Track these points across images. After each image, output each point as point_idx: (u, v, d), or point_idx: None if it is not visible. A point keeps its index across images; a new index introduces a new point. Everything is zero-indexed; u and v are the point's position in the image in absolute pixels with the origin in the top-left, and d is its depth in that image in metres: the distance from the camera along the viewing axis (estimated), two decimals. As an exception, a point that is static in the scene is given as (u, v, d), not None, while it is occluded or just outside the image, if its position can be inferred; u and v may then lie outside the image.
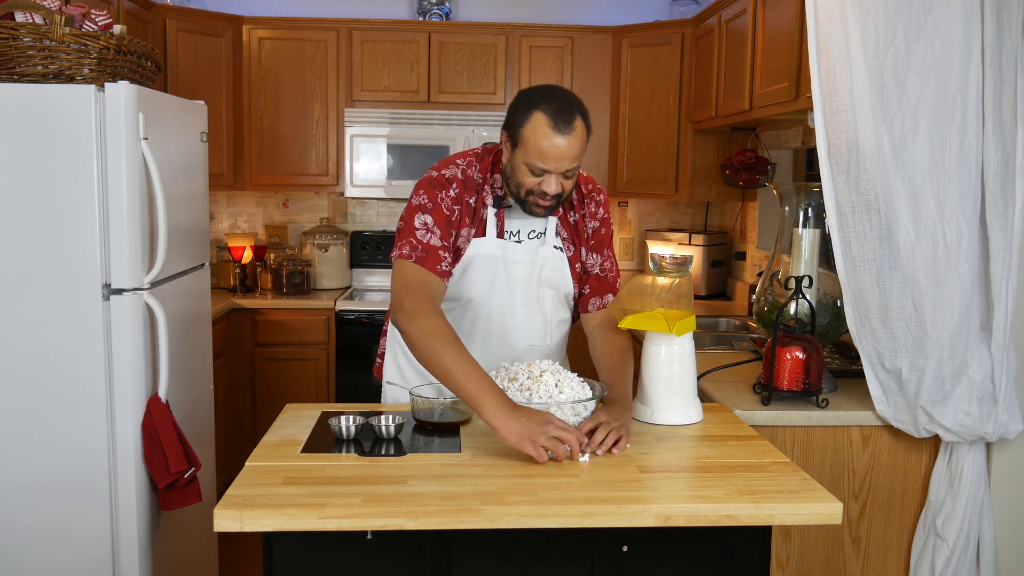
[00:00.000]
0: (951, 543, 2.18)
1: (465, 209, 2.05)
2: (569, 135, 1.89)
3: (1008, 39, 2.02)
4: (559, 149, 1.89)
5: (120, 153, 2.25)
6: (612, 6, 4.59)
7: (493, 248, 2.08)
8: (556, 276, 2.14)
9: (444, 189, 2.04)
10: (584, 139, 1.93)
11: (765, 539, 1.66)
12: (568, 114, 1.89)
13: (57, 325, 2.26)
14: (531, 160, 1.92)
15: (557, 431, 1.68)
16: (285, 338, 4.07)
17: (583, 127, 1.92)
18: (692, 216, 4.78)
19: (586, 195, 2.17)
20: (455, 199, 2.04)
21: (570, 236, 2.15)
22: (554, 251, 2.12)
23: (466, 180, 2.07)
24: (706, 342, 3.31)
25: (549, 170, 1.92)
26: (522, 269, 2.10)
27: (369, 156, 4.20)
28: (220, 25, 4.13)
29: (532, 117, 1.90)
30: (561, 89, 1.97)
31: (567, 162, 1.92)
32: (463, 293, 2.09)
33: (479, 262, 2.07)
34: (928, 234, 2.08)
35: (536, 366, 1.88)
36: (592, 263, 2.18)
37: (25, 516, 2.30)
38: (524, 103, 1.93)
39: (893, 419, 2.20)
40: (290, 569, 1.57)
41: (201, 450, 2.70)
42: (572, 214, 2.16)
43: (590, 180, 2.20)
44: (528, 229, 2.12)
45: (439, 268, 1.98)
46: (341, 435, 1.84)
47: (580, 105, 1.94)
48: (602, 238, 2.19)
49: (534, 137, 1.90)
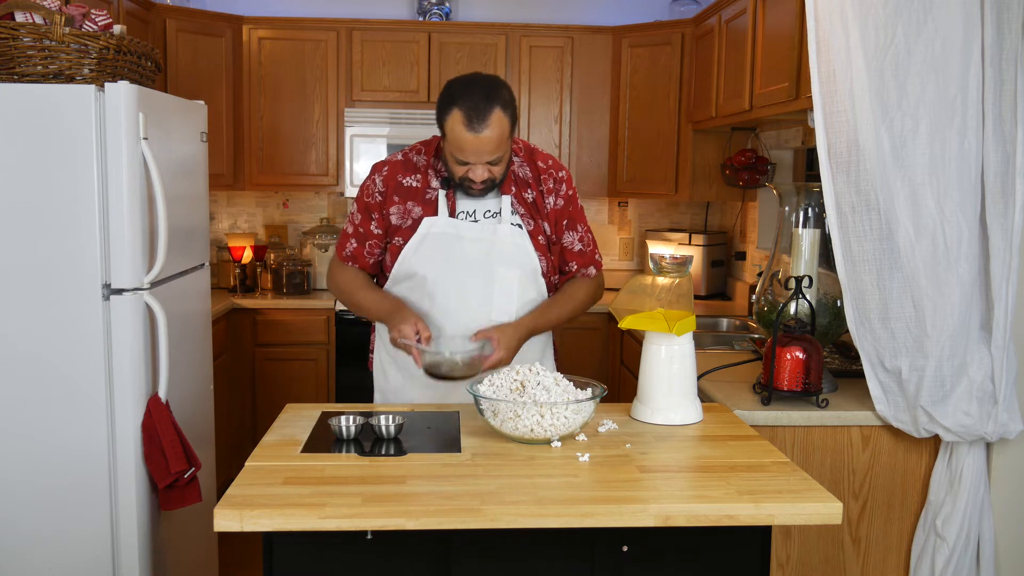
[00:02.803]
0: (951, 543, 2.18)
1: (395, 190, 2.19)
2: (484, 131, 1.98)
3: (1008, 39, 2.02)
4: (476, 143, 1.99)
5: (120, 153, 2.24)
6: (612, 6, 4.59)
7: (445, 226, 2.16)
8: (517, 252, 2.17)
9: (372, 175, 2.23)
10: (503, 128, 2.01)
11: (765, 539, 1.66)
12: (484, 110, 1.97)
13: (57, 325, 2.26)
14: (454, 152, 2.04)
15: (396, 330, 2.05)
16: (285, 338, 4.07)
17: (501, 117, 2.00)
18: (692, 216, 4.78)
19: (543, 172, 2.23)
20: (381, 182, 2.20)
21: (528, 212, 2.21)
22: (512, 228, 2.18)
23: (405, 163, 2.22)
24: (706, 342, 3.31)
25: (470, 162, 2.03)
26: (477, 247, 2.15)
27: (369, 156, 4.20)
28: (220, 25, 4.14)
29: (451, 114, 2.00)
30: (484, 79, 2.04)
31: (486, 155, 2.02)
32: (417, 269, 2.17)
33: (431, 239, 2.16)
34: (928, 234, 2.08)
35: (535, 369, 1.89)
36: (570, 241, 2.27)
37: (25, 516, 2.30)
38: (445, 98, 2.03)
39: (893, 419, 2.20)
40: (290, 569, 1.57)
41: (201, 450, 2.70)
42: (529, 192, 2.21)
43: (549, 158, 2.27)
44: (483, 209, 2.19)
45: (343, 253, 2.29)
46: (341, 435, 1.84)
47: (499, 95, 2.01)
48: (572, 215, 2.27)
49: (453, 133, 2.01)
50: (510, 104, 2.03)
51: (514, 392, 1.82)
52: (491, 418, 1.81)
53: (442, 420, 2.00)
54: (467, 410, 2.04)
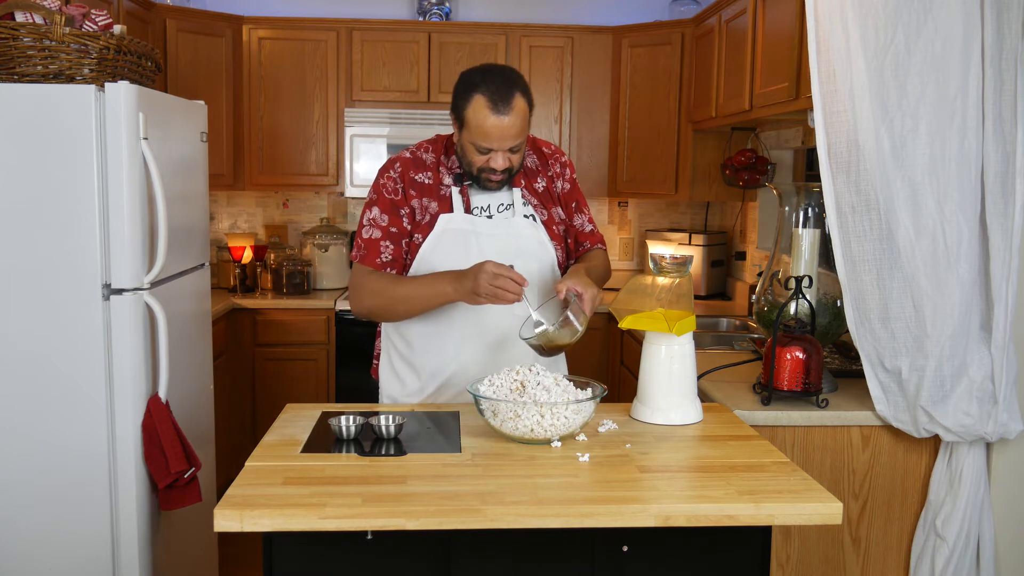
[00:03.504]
0: (951, 543, 2.18)
1: (410, 184, 2.14)
2: (509, 114, 1.98)
3: (1008, 39, 2.02)
4: (501, 128, 1.99)
5: (120, 153, 2.25)
6: (612, 6, 4.59)
7: (462, 223, 2.14)
8: (534, 244, 2.17)
9: (385, 172, 2.17)
10: (525, 114, 2.02)
11: (765, 539, 1.66)
12: (507, 94, 1.97)
13: (57, 325, 2.26)
14: (476, 140, 2.02)
15: (493, 277, 1.91)
16: (285, 338, 4.07)
17: (523, 103, 2.01)
18: (692, 216, 4.78)
19: (548, 157, 2.26)
20: (397, 178, 2.14)
21: (541, 202, 2.21)
22: (525, 220, 2.18)
23: (415, 160, 2.17)
24: (706, 342, 3.31)
25: (494, 148, 2.02)
26: (495, 242, 2.14)
27: (369, 156, 4.20)
28: (220, 25, 4.14)
29: (473, 100, 1.99)
30: (500, 67, 2.05)
31: (510, 140, 2.01)
32: (438, 265, 2.14)
33: (450, 236, 2.14)
34: (928, 234, 2.08)
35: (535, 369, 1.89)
36: (580, 223, 2.30)
37: (25, 516, 2.30)
38: (465, 85, 2.02)
39: (893, 419, 2.20)
40: (290, 569, 1.57)
41: (201, 450, 2.70)
42: (539, 180, 2.22)
43: (550, 144, 2.31)
44: (497, 203, 2.18)
45: (377, 260, 2.14)
46: (341, 435, 1.84)
47: (519, 81, 2.02)
48: (578, 198, 2.30)
49: (476, 119, 1.99)
50: (527, 91, 2.04)
51: (514, 392, 1.82)
52: (491, 418, 1.81)
53: (442, 420, 2.00)
54: (467, 410, 2.04)
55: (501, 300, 1.93)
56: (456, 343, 2.17)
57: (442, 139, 2.21)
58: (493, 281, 1.92)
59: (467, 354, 2.17)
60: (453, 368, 2.18)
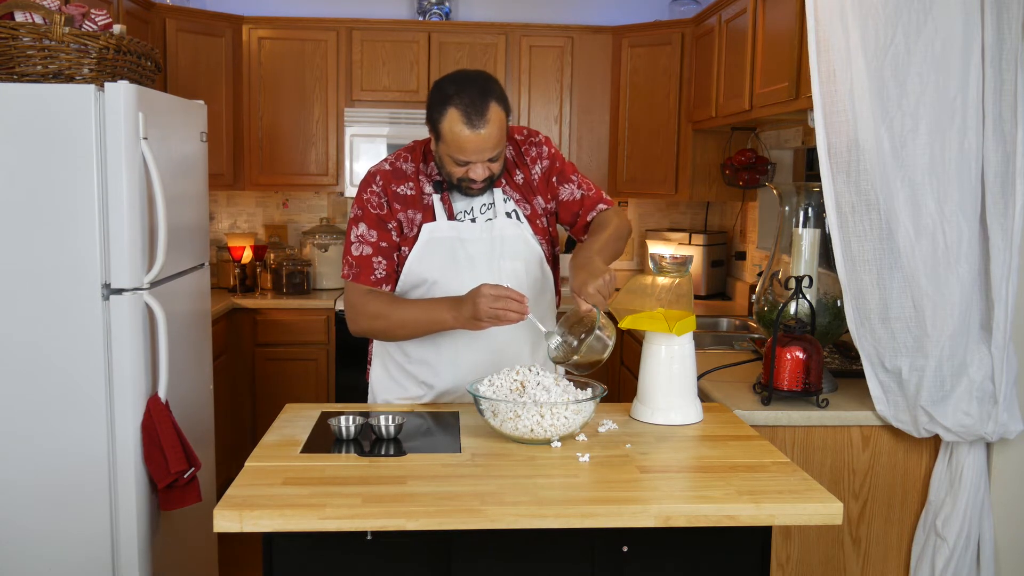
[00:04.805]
0: (951, 543, 2.18)
1: (394, 198, 2.11)
2: (484, 127, 1.93)
3: (1008, 39, 2.02)
4: (477, 142, 1.94)
5: (120, 153, 2.24)
6: (612, 6, 4.59)
7: (446, 231, 2.11)
8: (519, 243, 2.15)
9: (367, 187, 2.12)
10: (503, 123, 1.97)
11: (765, 539, 1.66)
12: (481, 106, 1.92)
13: (57, 325, 2.26)
14: (452, 153, 1.98)
15: (493, 300, 1.86)
16: (285, 338, 4.07)
17: (499, 112, 1.95)
18: (692, 216, 4.78)
19: (522, 144, 2.20)
20: (381, 192, 2.10)
21: (522, 195, 2.18)
22: (508, 220, 2.14)
23: (394, 171, 2.13)
24: (706, 342, 3.31)
25: (471, 161, 1.97)
26: (480, 247, 2.12)
27: (369, 156, 4.20)
28: (220, 25, 4.13)
29: (447, 113, 1.94)
30: (474, 76, 1.98)
31: (488, 152, 1.97)
32: (427, 275, 2.12)
33: (435, 244, 2.11)
34: (928, 234, 2.08)
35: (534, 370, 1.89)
36: (568, 193, 2.21)
37: (25, 516, 2.30)
38: (438, 98, 1.97)
39: (893, 419, 2.20)
40: (290, 569, 1.57)
41: (201, 450, 2.70)
42: (518, 173, 2.18)
43: (524, 129, 2.23)
44: (479, 204, 2.15)
45: (372, 278, 2.10)
46: (341, 435, 1.84)
47: (494, 89, 1.96)
48: (561, 170, 2.22)
49: (451, 133, 1.94)
50: (503, 97, 1.98)
51: (514, 392, 1.82)
52: (491, 418, 1.81)
53: (442, 420, 1.99)
54: (467, 410, 2.04)
55: (505, 321, 1.89)
56: (452, 355, 2.14)
57: (420, 145, 2.17)
58: (494, 304, 1.87)
59: (464, 365, 2.14)
60: (450, 379, 2.16)
